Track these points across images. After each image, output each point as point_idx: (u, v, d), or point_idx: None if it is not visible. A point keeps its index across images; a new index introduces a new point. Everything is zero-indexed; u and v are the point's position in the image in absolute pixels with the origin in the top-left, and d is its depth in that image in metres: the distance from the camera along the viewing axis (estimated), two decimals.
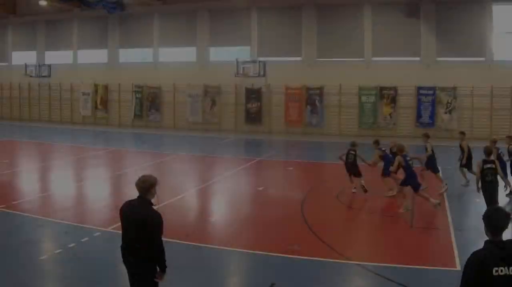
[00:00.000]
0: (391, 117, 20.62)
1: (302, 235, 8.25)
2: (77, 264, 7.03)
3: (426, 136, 11.02)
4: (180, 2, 25.01)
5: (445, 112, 19.97)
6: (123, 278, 5.83)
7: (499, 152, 10.03)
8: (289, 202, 10.69)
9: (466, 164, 11.05)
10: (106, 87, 27.33)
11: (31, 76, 29.23)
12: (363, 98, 21.05)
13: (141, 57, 27.30)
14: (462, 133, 11.39)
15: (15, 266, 6.86)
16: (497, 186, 8.05)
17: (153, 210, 4.50)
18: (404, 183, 9.08)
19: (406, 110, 20.76)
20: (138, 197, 4.58)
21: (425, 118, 20.18)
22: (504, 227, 3.26)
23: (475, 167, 8.56)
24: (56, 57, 29.54)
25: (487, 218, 3.31)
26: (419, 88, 20.38)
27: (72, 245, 7.78)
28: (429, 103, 20.08)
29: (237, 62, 22.96)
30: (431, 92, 20.12)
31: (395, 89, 20.61)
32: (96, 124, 27.55)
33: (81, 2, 25.83)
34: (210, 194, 11.94)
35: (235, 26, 23.92)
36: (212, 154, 17.96)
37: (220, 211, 10.37)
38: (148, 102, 25.95)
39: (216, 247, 7.74)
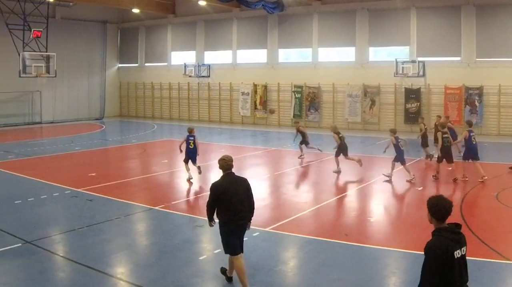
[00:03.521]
0: None
1: None
2: None
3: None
4: (340, 2, 37.22)
5: None
6: (282, 279, 9.72)
7: None
8: None
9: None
10: (265, 87, 40.70)
11: (190, 76, 44.09)
12: None
13: (300, 57, 40.28)
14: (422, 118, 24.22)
15: (176, 266, 10.17)
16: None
17: None
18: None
19: None
20: (227, 173, 8.98)
21: None
22: (450, 213, 5.64)
23: (460, 135, 19.07)
24: (215, 57, 44.24)
25: (435, 206, 5.66)
26: None
27: None
28: None
29: (396, 62, 34.40)
30: None
31: None
32: (255, 124, 41.17)
33: (241, 2, 38.91)
34: (369, 194, 17.26)
35: (394, 26, 35.52)
36: (371, 154, 24.89)
37: (379, 210, 14.95)
38: (308, 102, 38.57)
39: (375, 246, 11.16)
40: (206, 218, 11.65)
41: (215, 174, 20.25)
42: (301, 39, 39.53)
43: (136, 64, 49.67)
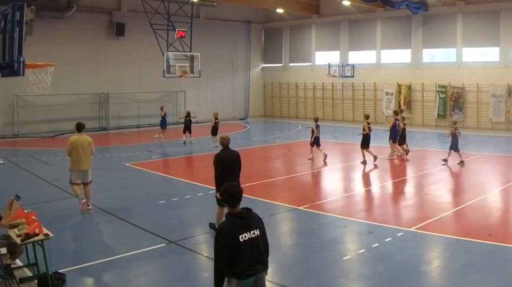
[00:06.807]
0: None
1: None
2: (380, 264, 11.75)
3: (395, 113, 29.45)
4: (484, 2, 43.86)
5: None
6: (425, 279, 11.08)
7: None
8: None
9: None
10: (409, 87, 48.19)
11: (334, 76, 52.13)
12: None
13: (444, 57, 47.58)
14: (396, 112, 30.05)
15: (320, 266, 11.80)
16: None
17: None
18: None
19: None
20: (224, 148, 13.89)
21: None
22: (240, 199, 7.22)
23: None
24: (359, 57, 52.42)
25: (226, 193, 7.17)
26: None
27: (375, 245, 13.06)
28: None
29: None
30: None
31: None
32: None
33: (385, 2, 46.05)
34: None
35: None
36: None
37: None
38: (452, 102, 45.53)
39: None
40: (351, 218, 15.76)
41: (357, 173, 25.40)
42: (445, 39, 46.45)
43: (280, 64, 58.66)
